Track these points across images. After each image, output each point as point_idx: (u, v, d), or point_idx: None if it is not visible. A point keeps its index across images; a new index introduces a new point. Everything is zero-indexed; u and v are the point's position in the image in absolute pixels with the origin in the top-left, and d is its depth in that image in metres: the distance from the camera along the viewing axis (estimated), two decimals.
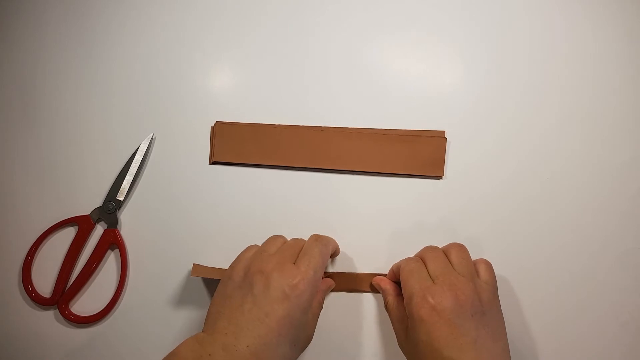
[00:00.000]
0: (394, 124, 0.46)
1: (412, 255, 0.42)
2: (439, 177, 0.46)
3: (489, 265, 0.39)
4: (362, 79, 0.48)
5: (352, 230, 0.45)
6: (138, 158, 0.47)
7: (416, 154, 0.45)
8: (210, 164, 0.47)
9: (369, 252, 0.45)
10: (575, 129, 0.45)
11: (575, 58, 0.47)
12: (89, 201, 0.47)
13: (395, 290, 0.42)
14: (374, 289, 0.44)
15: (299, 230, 0.45)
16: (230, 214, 0.46)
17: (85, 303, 0.45)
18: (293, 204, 0.46)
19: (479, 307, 0.35)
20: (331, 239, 0.43)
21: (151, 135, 0.47)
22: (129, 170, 0.47)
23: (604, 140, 0.45)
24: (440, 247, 0.41)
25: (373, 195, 0.46)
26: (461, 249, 0.39)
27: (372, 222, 0.45)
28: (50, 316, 0.45)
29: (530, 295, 0.43)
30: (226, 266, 0.41)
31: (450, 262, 0.38)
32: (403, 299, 0.39)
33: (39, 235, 0.46)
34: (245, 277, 0.37)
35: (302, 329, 0.37)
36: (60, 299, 0.44)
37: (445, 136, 0.46)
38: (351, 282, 0.44)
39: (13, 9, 0.51)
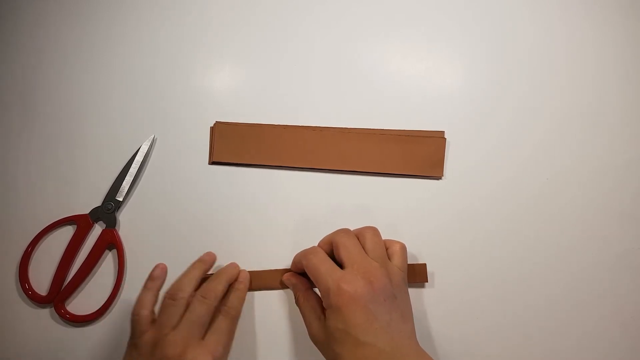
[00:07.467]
0: (393, 124, 0.46)
1: (318, 243, 0.42)
2: (439, 178, 0.45)
3: (402, 249, 0.40)
4: (362, 79, 0.48)
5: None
6: (139, 159, 0.47)
7: (415, 154, 0.45)
8: (209, 164, 0.47)
9: None
10: (575, 129, 0.45)
11: (575, 59, 0.47)
12: (88, 200, 0.47)
13: (305, 284, 0.42)
14: (284, 286, 0.44)
15: (298, 230, 0.45)
16: (230, 215, 0.46)
17: (82, 302, 0.45)
18: (292, 204, 0.46)
19: (390, 291, 0.36)
20: (238, 309, 0.42)
21: (152, 136, 0.48)
22: (129, 170, 0.47)
23: (604, 141, 0.45)
24: (352, 229, 0.41)
25: (373, 195, 0.46)
26: (375, 233, 0.40)
27: (372, 222, 0.45)
28: (46, 314, 0.45)
29: (530, 296, 0.42)
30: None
31: (363, 247, 0.39)
32: (312, 292, 0.41)
33: (37, 233, 0.46)
34: None
35: None
36: (57, 297, 0.44)
37: (445, 136, 0.46)
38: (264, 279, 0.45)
39: (13, 11, 0.52)
